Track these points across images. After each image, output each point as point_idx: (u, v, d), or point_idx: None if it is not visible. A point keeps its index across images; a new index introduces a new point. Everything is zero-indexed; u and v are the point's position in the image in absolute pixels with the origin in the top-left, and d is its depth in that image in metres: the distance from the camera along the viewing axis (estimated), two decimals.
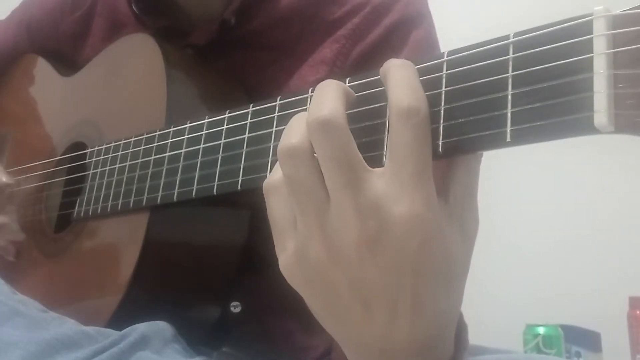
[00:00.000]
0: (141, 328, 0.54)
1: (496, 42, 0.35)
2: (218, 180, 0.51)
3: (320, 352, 0.65)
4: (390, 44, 0.66)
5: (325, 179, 0.35)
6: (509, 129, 0.33)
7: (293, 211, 0.37)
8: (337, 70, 0.66)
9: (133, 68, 0.71)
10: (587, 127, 0.31)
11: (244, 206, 0.63)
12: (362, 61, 0.67)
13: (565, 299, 1.47)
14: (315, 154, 0.35)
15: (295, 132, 0.36)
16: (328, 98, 0.35)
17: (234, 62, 0.70)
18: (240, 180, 0.48)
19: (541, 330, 1.26)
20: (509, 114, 0.34)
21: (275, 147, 0.46)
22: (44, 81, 0.88)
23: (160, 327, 0.56)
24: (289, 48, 0.69)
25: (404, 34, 0.66)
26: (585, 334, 1.35)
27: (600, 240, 1.52)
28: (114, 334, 0.54)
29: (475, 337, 0.63)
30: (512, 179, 1.55)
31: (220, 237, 0.64)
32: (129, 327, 0.54)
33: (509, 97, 0.34)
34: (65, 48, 0.85)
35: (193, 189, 0.53)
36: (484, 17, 1.56)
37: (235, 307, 0.66)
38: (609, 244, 1.51)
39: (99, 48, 0.79)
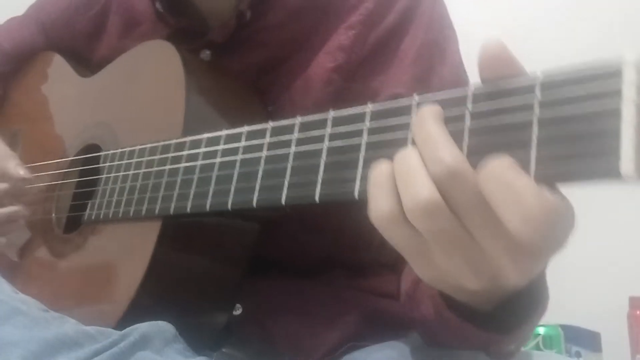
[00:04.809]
0: (142, 328, 0.54)
1: (523, 79, 0.35)
2: (233, 197, 0.51)
3: (322, 353, 0.65)
4: (404, 28, 0.67)
5: (466, 222, 0.37)
6: (533, 169, 0.33)
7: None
8: (355, 57, 0.66)
9: (152, 74, 0.70)
10: (612, 174, 0.31)
11: (254, 219, 0.63)
12: (378, 47, 0.67)
13: (565, 299, 1.47)
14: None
15: (420, 184, 0.36)
16: (441, 142, 0.36)
17: (250, 63, 0.70)
18: (255, 199, 0.48)
19: (541, 330, 1.27)
20: (533, 155, 0.34)
21: (293, 167, 0.46)
22: (61, 80, 0.87)
23: (161, 327, 0.55)
24: (304, 40, 0.69)
25: (415, 15, 0.67)
26: (585, 334, 1.35)
27: (600, 240, 1.52)
28: (114, 333, 0.54)
29: None
30: None
31: (229, 247, 0.63)
32: (130, 327, 0.54)
33: (534, 137, 0.34)
34: (81, 46, 0.85)
35: (207, 203, 0.53)
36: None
37: (236, 310, 0.66)
38: (609, 244, 1.51)
39: (114, 46, 0.78)
